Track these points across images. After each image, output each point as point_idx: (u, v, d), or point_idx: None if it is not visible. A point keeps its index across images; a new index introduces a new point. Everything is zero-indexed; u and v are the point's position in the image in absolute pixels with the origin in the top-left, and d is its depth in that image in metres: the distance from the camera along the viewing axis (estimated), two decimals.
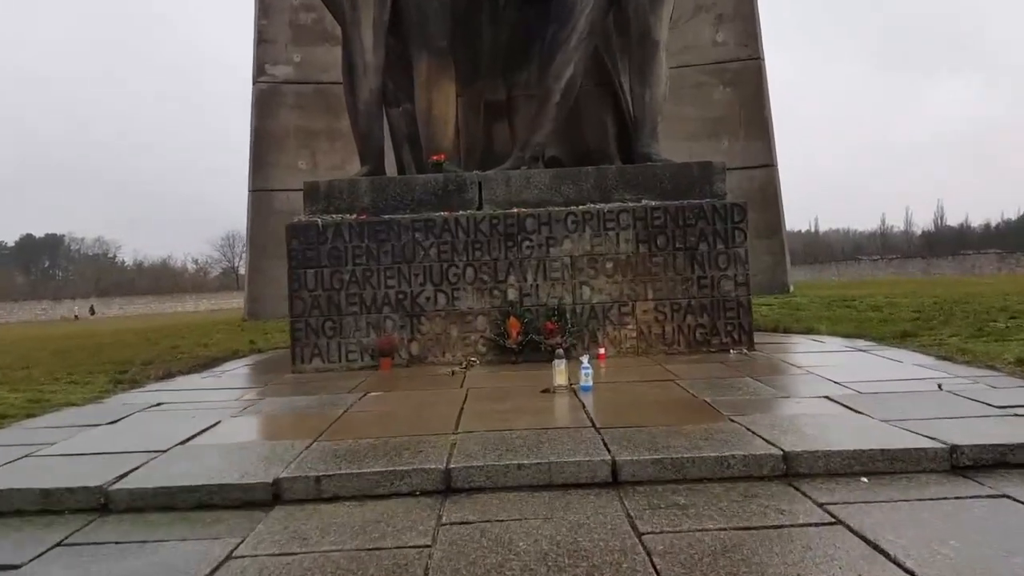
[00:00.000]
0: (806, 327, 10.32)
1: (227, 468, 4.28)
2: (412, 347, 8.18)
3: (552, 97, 8.83)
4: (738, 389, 5.92)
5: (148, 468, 4.35)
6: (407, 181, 8.65)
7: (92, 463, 4.53)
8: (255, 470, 4.18)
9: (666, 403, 5.51)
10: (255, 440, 4.94)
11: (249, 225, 18.68)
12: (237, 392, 7.01)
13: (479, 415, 5.32)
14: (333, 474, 4.00)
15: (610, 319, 8.09)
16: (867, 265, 65.58)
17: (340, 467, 4.10)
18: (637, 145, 9.06)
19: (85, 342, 14.07)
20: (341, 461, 4.22)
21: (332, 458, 4.30)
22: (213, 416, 5.79)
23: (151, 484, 4.07)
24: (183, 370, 8.98)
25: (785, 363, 7.21)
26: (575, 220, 8.14)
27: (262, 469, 4.18)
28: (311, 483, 3.97)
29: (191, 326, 18.31)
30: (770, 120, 17.64)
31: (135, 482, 4.12)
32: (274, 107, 18.36)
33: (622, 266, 8.09)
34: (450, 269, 8.16)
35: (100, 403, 6.83)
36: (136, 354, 11.02)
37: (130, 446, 4.89)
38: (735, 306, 8.03)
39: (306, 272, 8.20)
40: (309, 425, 5.38)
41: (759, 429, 4.45)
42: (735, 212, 8.08)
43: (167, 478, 4.14)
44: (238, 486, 3.99)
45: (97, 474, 4.22)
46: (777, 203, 17.37)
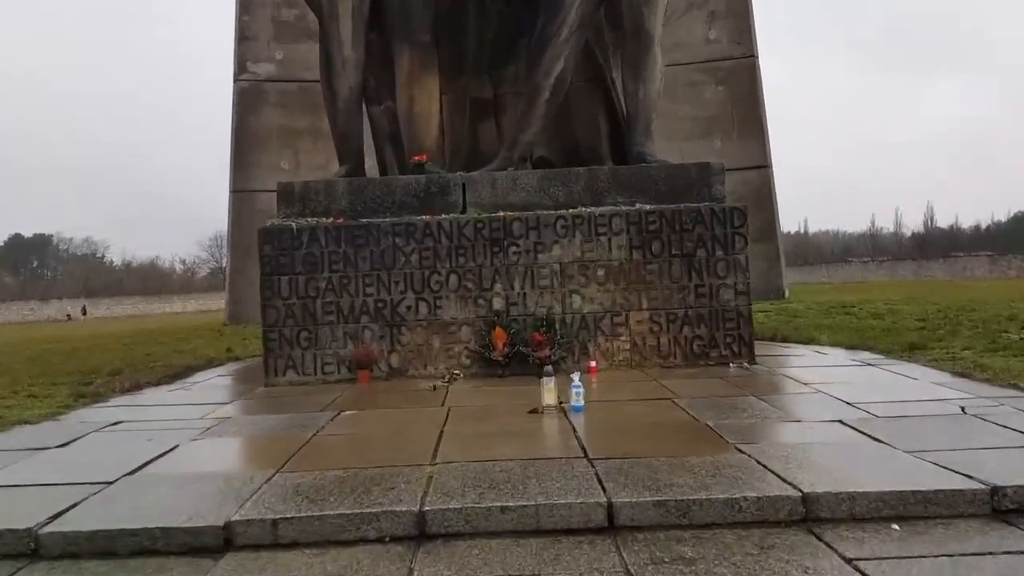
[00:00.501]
0: (806, 336, 9.91)
1: (175, 506, 3.78)
2: (392, 359, 7.70)
3: (541, 94, 8.35)
4: (742, 411, 5.47)
5: (88, 505, 3.86)
6: (387, 183, 8.17)
7: (28, 498, 4.05)
8: (206, 510, 3.69)
9: (665, 427, 5.05)
10: (211, 471, 4.44)
11: (230, 226, 18.18)
12: (203, 409, 6.51)
13: (460, 440, 4.85)
14: (292, 517, 3.52)
15: (602, 330, 7.63)
16: (857, 267, 65.49)
17: (301, 507, 3.62)
18: (630, 144, 8.60)
19: (60, 347, 13.51)
20: (303, 500, 3.74)
21: (293, 495, 3.82)
22: (172, 438, 5.30)
23: (88, 526, 3.58)
24: (152, 381, 8.48)
25: (789, 379, 6.77)
26: (565, 224, 7.67)
27: (214, 508, 3.70)
28: (267, 527, 3.50)
29: (171, 331, 17.79)
30: (764, 120, 17.27)
31: (71, 523, 3.63)
32: (256, 106, 17.86)
33: (615, 273, 7.64)
34: (432, 276, 7.68)
35: (56, 420, 6.33)
36: (108, 362, 10.51)
37: (75, 476, 4.40)
38: (735, 316, 7.59)
39: (280, 279, 7.72)
40: (274, 451, 4.90)
41: (770, 462, 4.00)
42: (735, 216, 7.63)
43: (108, 519, 3.65)
44: (185, 530, 3.51)
45: (30, 513, 3.73)
46: (772, 205, 17.01)
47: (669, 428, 5.02)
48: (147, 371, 9.33)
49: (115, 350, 12.52)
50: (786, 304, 14.57)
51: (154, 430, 5.69)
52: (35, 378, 8.98)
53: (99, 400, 7.29)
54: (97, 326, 31.84)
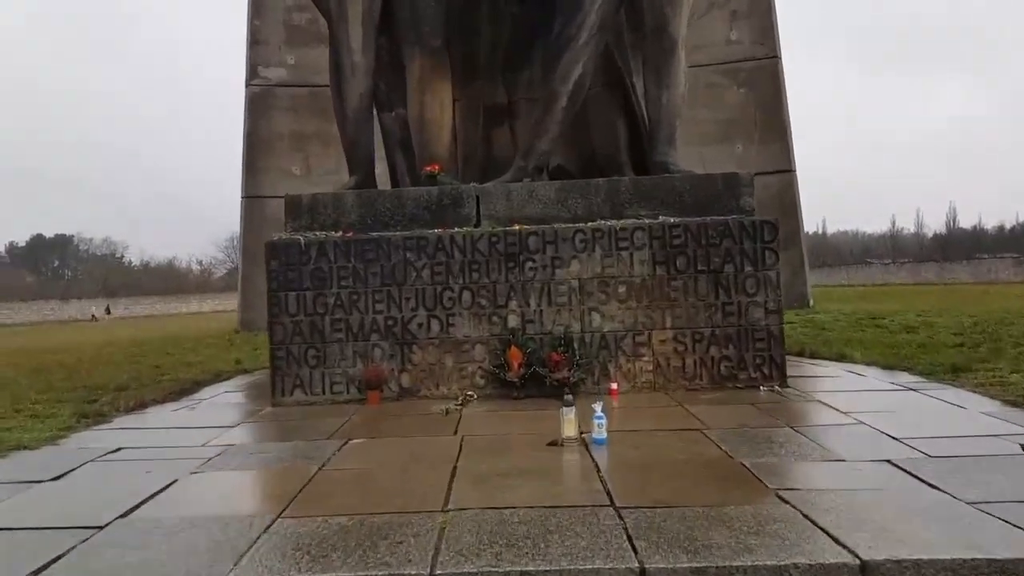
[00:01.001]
0: (837, 352, 9.47)
1: (164, 561, 3.46)
2: (403, 379, 7.36)
3: (558, 100, 7.97)
4: (779, 446, 5.08)
5: (69, 562, 3.52)
6: (398, 195, 7.82)
7: (11, 546, 3.73)
8: (197, 568, 3.36)
9: (697, 466, 4.66)
10: (208, 514, 4.11)
11: (242, 233, 17.94)
12: (206, 434, 6.18)
13: (474, 480, 4.48)
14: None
15: (623, 350, 7.25)
16: (878, 269, 64.56)
17: (301, 566, 3.28)
18: (652, 153, 8.20)
19: (67, 358, 13.27)
20: (303, 556, 3.40)
21: (293, 550, 3.48)
22: (171, 471, 4.99)
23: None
24: (157, 398, 8.19)
25: (826, 406, 6.35)
26: (584, 238, 7.30)
27: (205, 567, 3.36)
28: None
29: (183, 338, 17.54)
30: (788, 122, 16.77)
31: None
32: (267, 110, 17.61)
33: (637, 290, 7.25)
34: (445, 292, 7.33)
35: (56, 445, 6.05)
36: (114, 376, 10.23)
37: (64, 518, 4.10)
38: (765, 336, 7.17)
39: (287, 295, 7.40)
40: (276, 489, 4.59)
41: (819, 515, 3.61)
42: (765, 230, 7.22)
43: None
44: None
45: (10, 567, 3.43)
46: (796, 211, 16.52)
47: (701, 467, 4.63)
48: (153, 386, 9.05)
49: (123, 362, 12.26)
50: (812, 314, 14.09)
51: (154, 459, 5.38)
52: (39, 394, 8.71)
53: (101, 421, 7.00)
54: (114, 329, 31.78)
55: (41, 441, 6.11)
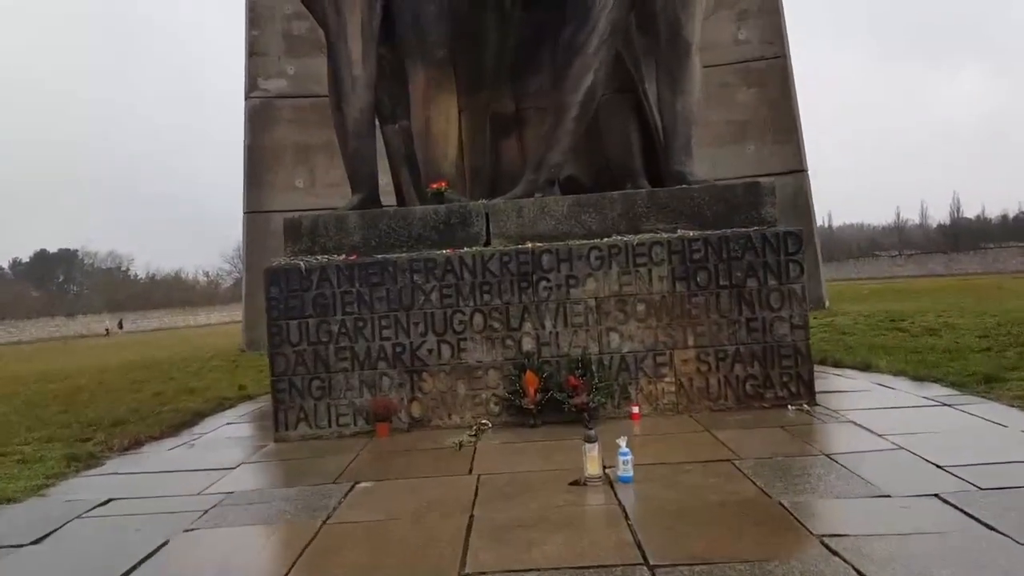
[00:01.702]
0: (861, 360, 9.10)
1: None
2: (413, 408, 7.01)
3: (569, 111, 7.61)
4: (817, 480, 4.71)
5: None
6: (403, 214, 7.47)
7: None
8: None
9: (732, 509, 4.29)
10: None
11: (244, 249, 17.62)
12: (204, 479, 5.83)
13: (493, 533, 4.12)
14: None
15: (644, 371, 6.88)
16: (886, 262, 64.06)
17: None
18: (668, 162, 7.83)
19: (64, 387, 12.97)
20: None
21: None
22: (162, 528, 4.62)
23: None
24: (155, 435, 7.86)
25: (860, 428, 5.96)
26: (599, 255, 6.93)
27: None
28: None
29: (188, 359, 17.22)
30: (799, 122, 16.37)
31: None
32: (268, 122, 17.28)
33: (656, 308, 6.88)
34: (455, 316, 6.98)
35: (42, 496, 5.70)
36: (112, 407, 9.92)
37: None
38: (792, 353, 6.80)
39: (288, 323, 7.05)
40: (276, 552, 4.26)
41: (871, 570, 3.29)
42: (789, 241, 6.84)
43: None
44: None
45: None
46: (809, 211, 16.13)
47: (737, 511, 4.26)
48: (152, 419, 8.72)
49: (123, 389, 11.95)
50: (830, 317, 13.70)
51: (145, 513, 5.04)
52: (30, 432, 8.37)
53: (93, 464, 6.65)
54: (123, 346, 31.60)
55: (27, 491, 5.76)
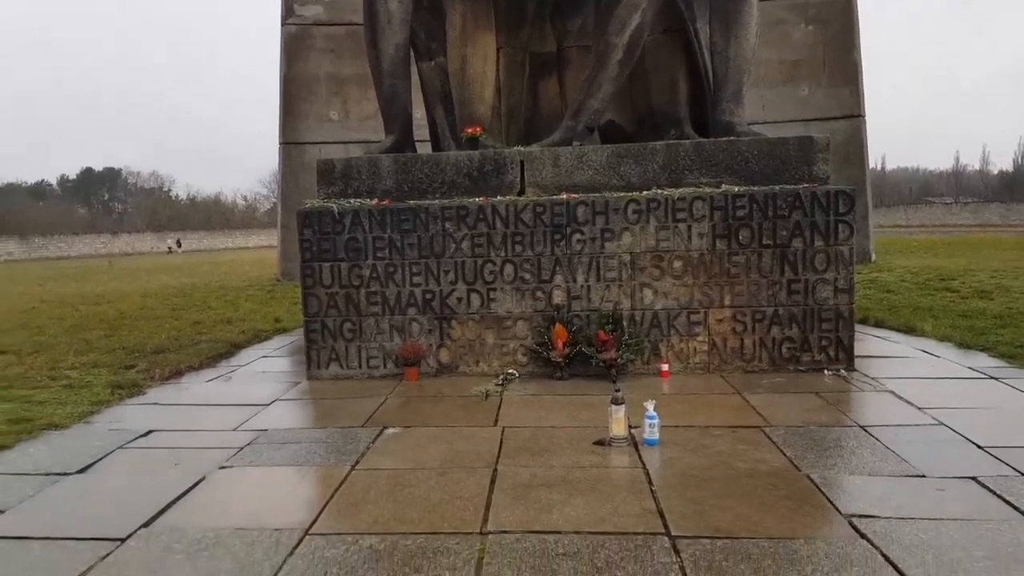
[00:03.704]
0: (904, 322, 8.85)
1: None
2: (441, 354, 7.02)
3: (613, 54, 7.29)
4: (850, 453, 4.61)
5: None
6: (436, 160, 7.32)
7: (23, 566, 3.50)
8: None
9: (759, 480, 4.22)
10: (234, 525, 3.84)
11: (280, 180, 17.64)
12: (240, 414, 5.95)
13: (515, 491, 4.12)
14: None
15: (676, 329, 6.77)
16: (939, 209, 62.06)
17: None
18: (717, 112, 7.50)
19: (109, 311, 13.29)
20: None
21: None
22: (200, 464, 4.75)
23: None
24: (194, 365, 8.05)
25: (899, 399, 5.81)
26: (637, 209, 6.75)
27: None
28: None
29: (226, 288, 17.51)
30: (859, 63, 15.59)
31: None
32: (304, 51, 17.03)
33: (694, 266, 6.72)
34: (486, 266, 6.90)
35: (87, 424, 5.87)
36: (154, 334, 10.16)
37: (87, 525, 3.85)
38: (833, 317, 6.61)
39: (321, 266, 7.05)
40: (306, 493, 4.31)
41: (902, 557, 3.19)
42: (840, 201, 6.57)
43: None
44: None
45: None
46: (862, 160, 15.52)
47: (764, 483, 4.19)
48: (191, 348, 8.92)
49: (163, 316, 12.21)
50: (875, 273, 13.31)
51: (183, 448, 5.17)
52: (77, 356, 8.64)
53: (136, 393, 6.84)
54: (178, 267, 32.27)
55: (74, 418, 5.96)
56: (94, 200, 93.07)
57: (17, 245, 59.43)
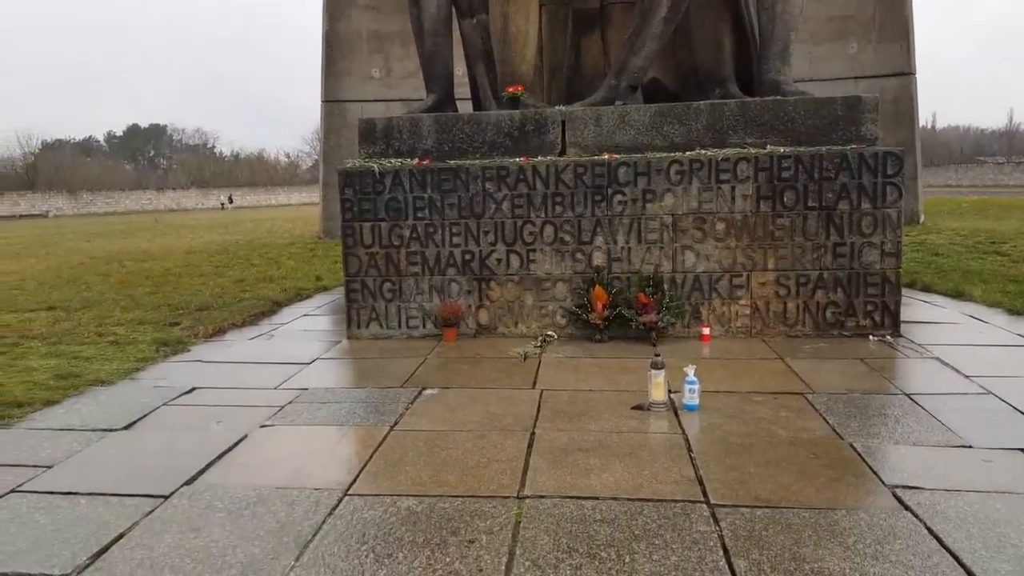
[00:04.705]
0: (953, 287, 8.63)
1: (224, 549, 3.28)
2: (480, 315, 7.04)
3: (658, 11, 7.09)
4: (894, 421, 4.54)
5: (129, 543, 3.38)
6: (477, 119, 7.25)
7: (70, 520, 3.61)
8: (257, 558, 3.17)
9: (801, 448, 4.18)
10: (275, 485, 3.93)
11: (322, 138, 17.68)
12: (281, 372, 6.07)
13: (552, 456, 4.15)
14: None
15: (718, 292, 6.68)
16: (991, 169, 59.99)
17: (364, 567, 3.05)
18: (762, 69, 7.29)
19: (155, 268, 13.57)
20: (368, 554, 3.16)
21: (358, 544, 3.24)
22: (242, 422, 4.87)
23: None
24: (236, 323, 8.21)
25: (945, 366, 5.69)
26: (680, 170, 6.63)
27: (267, 560, 3.17)
28: None
29: (269, 245, 17.73)
30: (911, 20, 14.99)
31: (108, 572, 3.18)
32: (346, 8, 16.91)
33: (737, 228, 6.60)
34: (525, 227, 6.86)
35: (132, 380, 6.04)
36: (198, 291, 10.37)
37: (132, 480, 3.97)
38: (879, 281, 6.46)
39: (362, 226, 7.09)
40: (345, 453, 4.39)
41: (948, 531, 3.14)
42: (889, 163, 6.37)
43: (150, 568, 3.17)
44: None
45: (72, 550, 3.29)
46: (912, 119, 15.01)
47: (805, 451, 4.15)
48: (235, 306, 9.08)
49: (207, 274, 12.42)
50: (923, 235, 12.95)
51: (226, 405, 5.29)
52: (123, 312, 8.85)
53: (180, 350, 7.01)
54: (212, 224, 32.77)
55: (119, 374, 6.13)
56: (140, 157, 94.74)
57: (66, 200, 60.85)
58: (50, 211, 57.60)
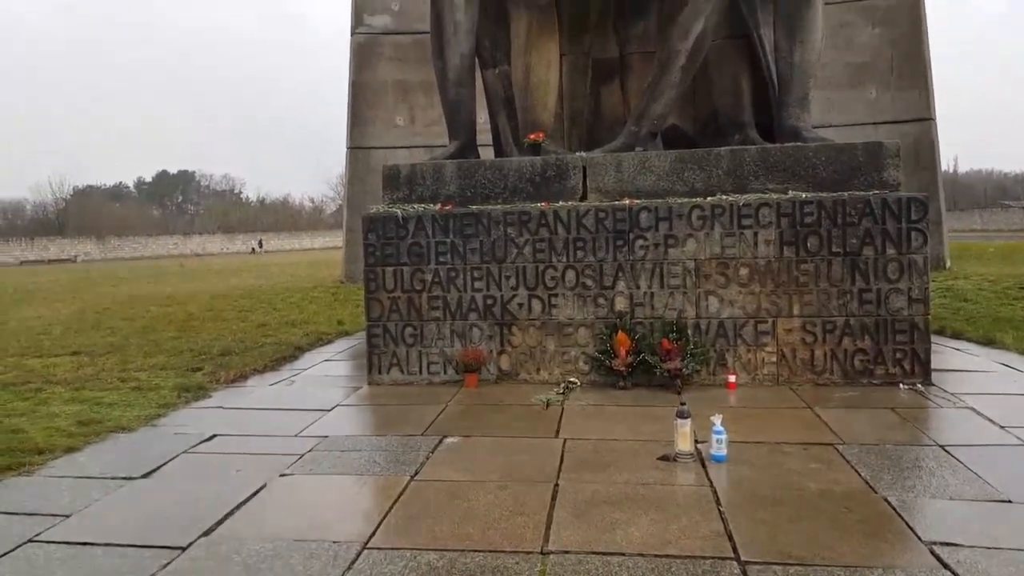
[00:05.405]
0: (984, 334, 8.46)
1: None
2: (502, 361, 6.98)
3: (676, 60, 7.16)
4: (929, 474, 4.40)
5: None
6: (499, 166, 7.30)
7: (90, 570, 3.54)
8: None
9: (833, 502, 4.05)
10: (292, 537, 3.86)
11: (347, 183, 17.93)
12: (301, 419, 6.03)
13: (577, 508, 4.05)
14: None
15: (743, 338, 6.59)
16: (1017, 213, 59.32)
17: None
18: (782, 116, 7.30)
19: (178, 313, 13.68)
20: None
21: None
22: (261, 471, 4.81)
23: None
24: (259, 367, 8.21)
25: (979, 416, 5.53)
26: (702, 215, 6.60)
27: None
28: None
29: (291, 289, 17.86)
30: (929, 65, 15.02)
31: None
32: (372, 59, 17.29)
33: (760, 273, 6.53)
34: (547, 271, 6.84)
35: (153, 427, 6.02)
36: (220, 336, 10.42)
37: (149, 531, 3.91)
38: (908, 328, 6.34)
39: (384, 270, 7.11)
40: (365, 504, 4.32)
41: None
42: (912, 208, 6.31)
43: None
44: None
45: None
46: (934, 164, 14.92)
47: (838, 504, 4.02)
48: (256, 351, 9.10)
49: (231, 319, 12.50)
50: (951, 280, 12.76)
51: (246, 453, 5.24)
52: (147, 358, 8.90)
53: (202, 396, 7.00)
54: (257, 267, 33.13)
55: (140, 421, 6.12)
56: (168, 202, 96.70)
57: (95, 245, 62.04)
58: (78, 256, 58.68)
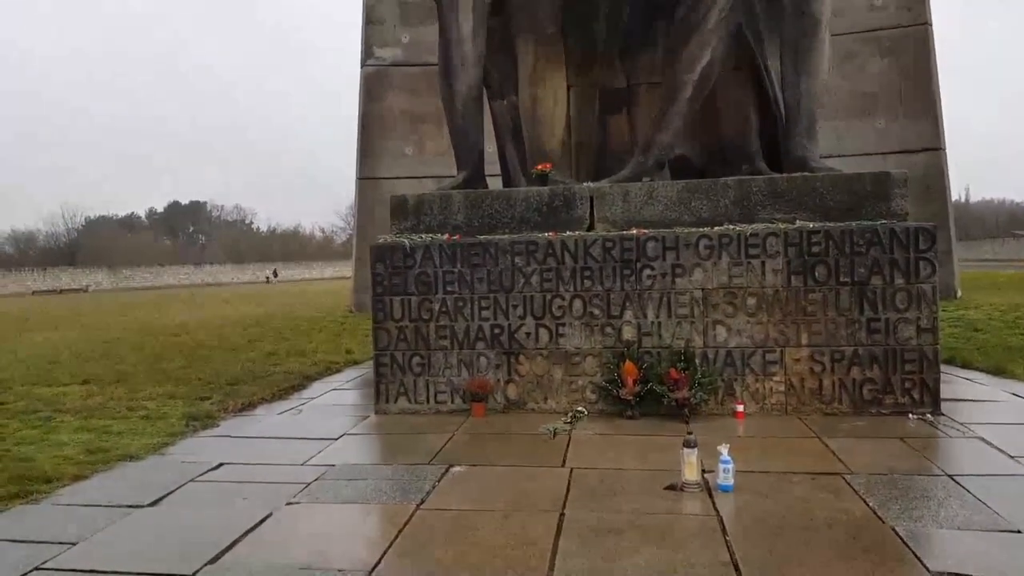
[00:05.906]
0: (994, 364, 8.41)
1: None
2: (509, 390, 6.98)
3: (683, 91, 7.25)
4: (938, 504, 4.35)
5: None
6: (507, 196, 7.37)
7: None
8: None
9: (840, 532, 4.01)
10: (298, 564, 3.84)
11: (356, 213, 18.08)
12: (308, 448, 6.03)
13: (582, 539, 4.03)
14: None
15: (751, 368, 6.57)
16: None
17: None
18: (789, 146, 7.35)
19: (187, 342, 13.76)
20: None
21: None
22: (267, 499, 4.80)
23: None
24: (266, 397, 8.24)
25: (989, 447, 5.48)
26: (709, 244, 6.63)
27: None
28: None
29: (300, 318, 17.94)
30: (938, 95, 15.11)
31: None
32: (382, 91, 17.54)
33: (768, 303, 6.53)
34: (554, 301, 6.87)
35: (161, 456, 6.04)
36: (229, 365, 10.46)
37: (155, 560, 3.90)
38: (917, 358, 6.32)
39: (392, 299, 7.15)
40: (369, 533, 4.32)
41: None
42: (921, 238, 6.32)
43: None
44: None
45: None
46: (943, 193, 14.93)
47: (845, 535, 3.98)
48: (265, 380, 9.14)
49: (239, 347, 12.56)
50: (961, 310, 12.72)
51: (252, 482, 5.25)
52: (155, 386, 8.94)
53: (209, 424, 7.02)
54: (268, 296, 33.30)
55: (148, 449, 6.14)
56: (179, 232, 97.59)
57: (106, 275, 62.55)
58: (89, 286, 59.13)
